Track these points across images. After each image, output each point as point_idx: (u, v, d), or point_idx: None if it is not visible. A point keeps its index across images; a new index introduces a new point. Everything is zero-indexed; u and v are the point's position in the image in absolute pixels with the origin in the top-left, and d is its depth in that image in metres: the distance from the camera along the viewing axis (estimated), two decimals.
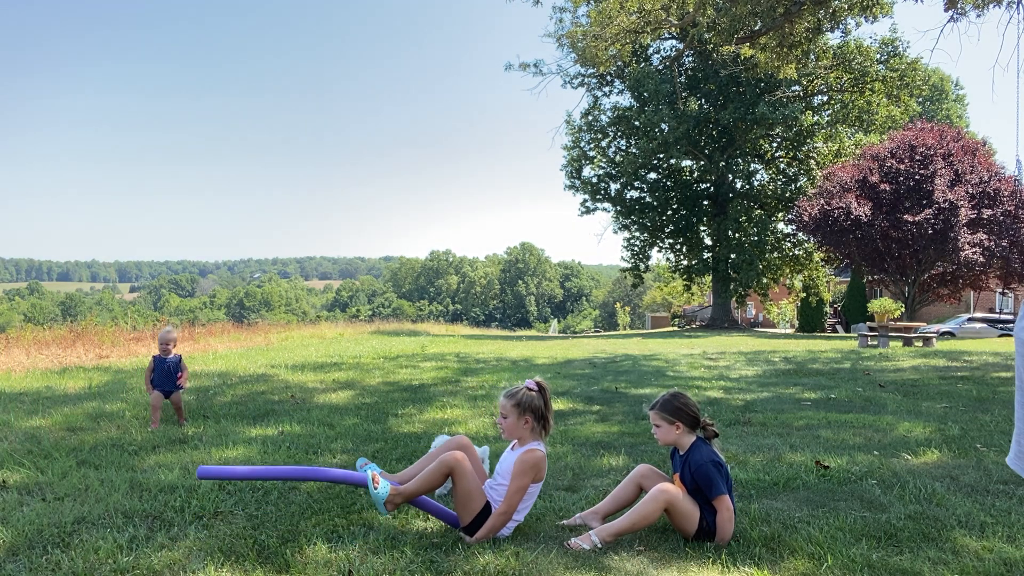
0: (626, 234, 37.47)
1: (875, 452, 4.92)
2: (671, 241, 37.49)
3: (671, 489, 3.19)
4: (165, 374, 6.03)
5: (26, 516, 3.52)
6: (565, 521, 3.47)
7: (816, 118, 33.17)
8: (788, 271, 35.50)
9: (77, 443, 5.29)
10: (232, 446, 5.18)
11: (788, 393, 8.12)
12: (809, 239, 30.57)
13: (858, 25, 27.60)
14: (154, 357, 6.07)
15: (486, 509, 3.24)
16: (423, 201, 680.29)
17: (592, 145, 36.87)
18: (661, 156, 33.78)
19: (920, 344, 17.42)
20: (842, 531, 3.29)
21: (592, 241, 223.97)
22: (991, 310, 35.96)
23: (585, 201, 36.96)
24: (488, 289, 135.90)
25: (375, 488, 3.19)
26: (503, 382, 9.27)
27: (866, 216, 25.36)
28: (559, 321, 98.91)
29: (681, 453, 3.36)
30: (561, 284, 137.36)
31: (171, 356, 6.09)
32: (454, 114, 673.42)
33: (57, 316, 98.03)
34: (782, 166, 35.85)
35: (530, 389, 3.35)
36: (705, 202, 36.15)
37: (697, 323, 46.53)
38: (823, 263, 33.61)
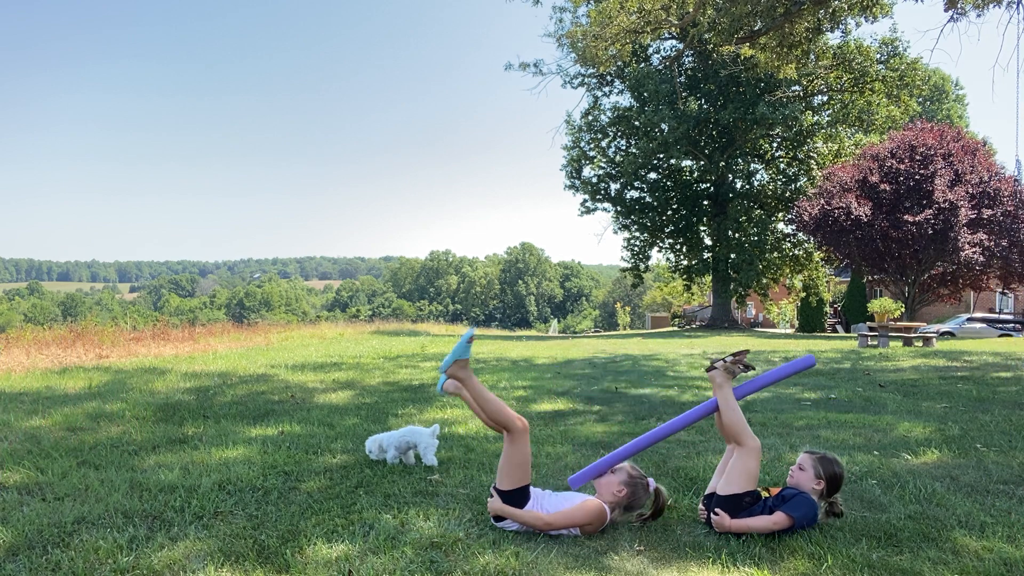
0: (626, 234, 37.48)
1: (875, 452, 4.92)
2: (671, 241, 37.46)
3: (759, 449, 3.39)
4: None
5: (26, 516, 3.52)
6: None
7: (816, 118, 33.15)
8: (788, 271, 35.48)
9: (77, 443, 5.29)
10: (232, 446, 5.18)
11: (788, 393, 8.12)
12: (809, 239, 30.55)
13: (858, 25, 27.53)
14: None
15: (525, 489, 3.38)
16: (423, 201, 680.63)
17: (592, 145, 36.86)
18: (661, 156, 33.76)
19: (920, 344, 17.42)
20: (842, 531, 3.29)
21: (592, 241, 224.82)
22: (991, 310, 35.95)
23: (585, 201, 36.95)
24: (488, 289, 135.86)
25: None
26: (503, 382, 9.28)
27: (866, 216, 25.35)
28: (559, 321, 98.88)
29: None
30: (561, 284, 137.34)
31: None
32: (454, 114, 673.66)
33: (57, 316, 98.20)
34: (782, 166, 35.82)
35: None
36: (705, 202, 36.13)
37: (697, 323, 46.50)
38: (823, 263, 33.60)
